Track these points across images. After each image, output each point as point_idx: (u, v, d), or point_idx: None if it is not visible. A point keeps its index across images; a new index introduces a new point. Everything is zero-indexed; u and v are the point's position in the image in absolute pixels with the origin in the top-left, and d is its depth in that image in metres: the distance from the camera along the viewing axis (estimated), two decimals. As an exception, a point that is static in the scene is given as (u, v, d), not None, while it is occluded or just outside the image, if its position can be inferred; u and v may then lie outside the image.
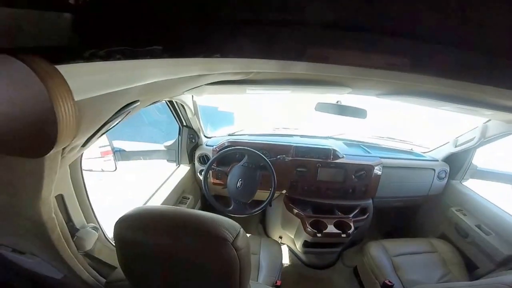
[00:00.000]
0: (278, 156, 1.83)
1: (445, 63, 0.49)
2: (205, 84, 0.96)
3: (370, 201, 1.97)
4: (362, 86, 1.22)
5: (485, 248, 1.64)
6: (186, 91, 1.04)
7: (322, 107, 1.69)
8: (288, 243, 2.23)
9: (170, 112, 1.79)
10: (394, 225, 2.46)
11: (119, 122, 0.69)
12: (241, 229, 0.64)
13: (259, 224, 2.53)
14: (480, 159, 1.97)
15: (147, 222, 0.62)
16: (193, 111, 1.76)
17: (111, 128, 0.68)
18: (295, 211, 1.87)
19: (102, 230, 0.97)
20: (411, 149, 2.24)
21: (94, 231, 0.83)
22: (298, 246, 1.98)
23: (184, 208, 0.67)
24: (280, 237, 2.29)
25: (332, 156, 1.86)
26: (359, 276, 1.89)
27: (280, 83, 1.13)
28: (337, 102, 1.68)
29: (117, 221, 0.63)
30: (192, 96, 1.65)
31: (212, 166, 1.75)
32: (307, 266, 2.19)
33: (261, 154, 1.68)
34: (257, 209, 1.70)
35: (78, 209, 0.82)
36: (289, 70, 0.71)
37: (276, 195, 1.92)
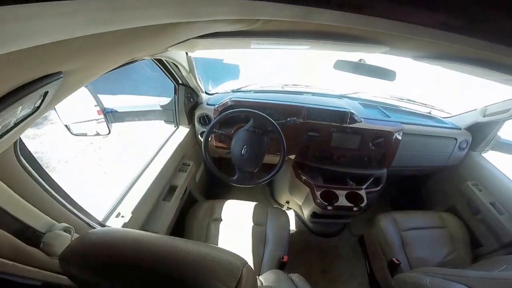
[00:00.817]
0: (288, 119, 1.60)
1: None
2: (194, 38, 0.72)
3: (385, 170, 1.83)
4: (402, 46, 0.97)
5: (494, 227, 1.58)
6: (170, 47, 0.80)
7: (342, 66, 1.42)
8: (295, 208, 2.17)
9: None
10: (404, 194, 2.37)
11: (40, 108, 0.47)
12: (244, 269, 0.47)
13: (266, 186, 2.45)
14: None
15: (101, 259, 0.46)
16: (187, 69, 1.50)
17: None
18: (304, 178, 1.73)
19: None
20: (430, 112, 2.04)
21: (65, 232, 0.69)
22: (306, 215, 1.89)
23: (163, 238, 0.51)
24: (287, 202, 2.23)
25: (348, 120, 1.64)
26: (365, 245, 1.85)
27: (296, 36, 0.87)
28: (360, 60, 1.44)
29: (60, 254, 0.48)
30: (186, 52, 1.39)
31: (214, 130, 1.54)
32: (313, 233, 2.17)
33: (269, 118, 1.46)
34: (264, 179, 1.53)
35: (34, 211, 0.66)
36: (310, 20, 0.50)
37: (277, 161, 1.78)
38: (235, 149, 1.49)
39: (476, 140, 1.82)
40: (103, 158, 3.24)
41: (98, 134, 1.44)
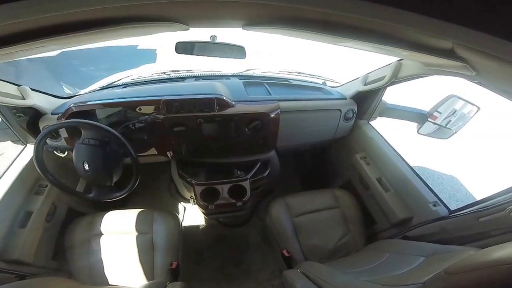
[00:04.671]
0: (146, 117, 1.35)
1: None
2: None
3: (272, 153, 1.66)
4: (216, 16, 0.76)
5: (382, 206, 1.48)
6: None
7: (184, 48, 1.21)
8: None
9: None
10: (312, 171, 2.27)
11: None
12: None
13: (172, 182, 2.22)
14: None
15: None
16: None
17: None
18: (185, 176, 1.54)
19: None
20: (324, 82, 1.87)
21: None
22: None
23: None
24: (191, 197, 2.05)
25: (217, 107, 1.39)
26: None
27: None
28: (212, 37, 1.20)
29: None
30: None
31: (45, 147, 1.23)
32: (224, 225, 2.04)
33: (102, 125, 1.17)
34: (125, 190, 1.29)
35: None
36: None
37: (165, 159, 1.55)
38: (77, 166, 1.22)
39: (362, 109, 1.68)
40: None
41: None
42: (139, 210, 1.46)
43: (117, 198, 1.31)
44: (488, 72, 0.78)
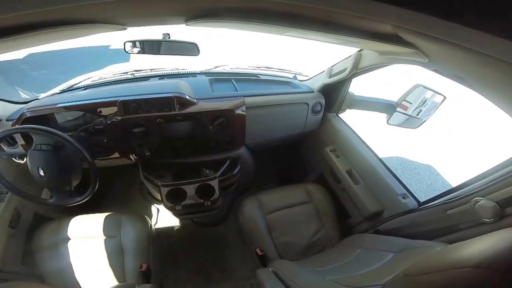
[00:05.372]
0: (101, 119, 1.29)
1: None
2: None
3: (242, 149, 1.60)
4: (152, 13, 0.73)
5: (353, 199, 1.44)
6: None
7: (133, 47, 1.19)
8: None
9: None
10: (288, 166, 2.22)
11: None
12: None
13: (143, 185, 2.16)
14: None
15: None
16: None
17: None
18: (150, 178, 1.47)
19: None
20: (295, 76, 1.82)
21: None
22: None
23: None
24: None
25: (178, 106, 1.33)
26: None
27: None
28: (164, 35, 1.16)
29: None
30: None
31: (5, 151, 1.24)
32: (198, 225, 1.98)
33: (51, 130, 1.12)
34: (85, 195, 1.26)
35: None
36: None
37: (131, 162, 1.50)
38: (32, 172, 1.18)
39: (330, 101, 1.64)
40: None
41: None
42: (106, 214, 1.43)
43: (78, 203, 1.28)
44: (439, 58, 0.74)
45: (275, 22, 0.68)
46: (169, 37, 1.14)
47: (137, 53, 1.16)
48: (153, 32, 1.07)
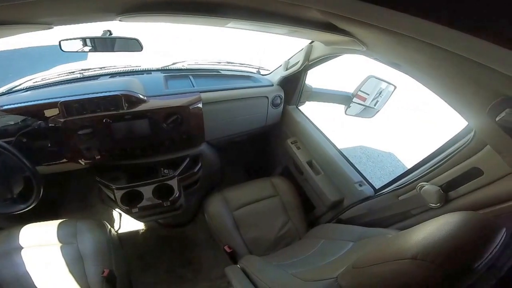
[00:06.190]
0: (39, 122, 1.20)
1: None
2: None
3: (203, 146, 1.55)
4: (77, 11, 0.69)
5: (315, 189, 1.45)
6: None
7: (69, 45, 1.10)
8: None
9: None
10: (256, 160, 2.20)
11: None
12: None
13: (101, 189, 2.06)
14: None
15: None
16: None
17: None
18: (105, 183, 1.39)
19: None
20: (258, 71, 1.80)
21: None
22: None
23: None
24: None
25: (126, 104, 1.25)
26: None
27: None
28: (104, 32, 1.10)
29: None
30: None
31: None
32: (165, 226, 1.89)
33: None
34: (28, 203, 1.16)
35: None
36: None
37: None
38: None
39: (289, 94, 1.64)
40: None
41: None
42: (60, 221, 1.34)
43: (22, 211, 1.18)
44: (376, 46, 0.74)
45: (209, 14, 0.65)
46: (110, 34, 1.09)
47: (75, 51, 1.09)
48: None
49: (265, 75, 1.75)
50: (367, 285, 0.64)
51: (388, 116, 3.36)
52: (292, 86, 1.59)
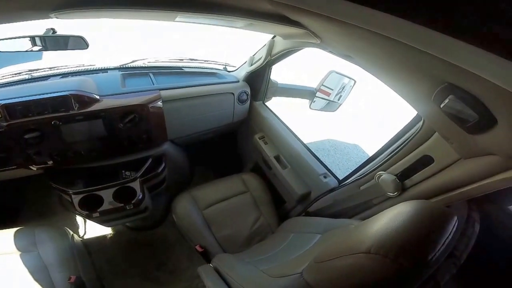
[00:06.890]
0: None
1: None
2: None
3: (166, 145, 1.48)
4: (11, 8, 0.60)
5: (284, 183, 1.45)
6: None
7: (6, 46, 1.00)
8: None
9: None
10: (223, 157, 2.16)
11: None
12: None
13: (61, 194, 1.92)
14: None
15: None
16: None
17: None
18: (61, 188, 1.30)
19: None
20: (225, 67, 1.75)
21: None
22: None
23: None
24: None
25: (77, 105, 1.16)
26: None
27: None
28: (47, 30, 1.04)
29: None
30: None
31: None
32: (133, 230, 1.79)
33: None
34: None
35: None
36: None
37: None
38: None
39: (255, 90, 1.62)
40: None
41: None
42: (16, 229, 1.25)
43: None
44: (329, 38, 0.74)
45: (154, 7, 0.61)
46: (54, 32, 1.02)
47: (13, 51, 1.00)
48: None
49: (232, 71, 1.72)
50: (327, 279, 0.63)
51: (354, 109, 3.48)
52: (258, 81, 1.58)
